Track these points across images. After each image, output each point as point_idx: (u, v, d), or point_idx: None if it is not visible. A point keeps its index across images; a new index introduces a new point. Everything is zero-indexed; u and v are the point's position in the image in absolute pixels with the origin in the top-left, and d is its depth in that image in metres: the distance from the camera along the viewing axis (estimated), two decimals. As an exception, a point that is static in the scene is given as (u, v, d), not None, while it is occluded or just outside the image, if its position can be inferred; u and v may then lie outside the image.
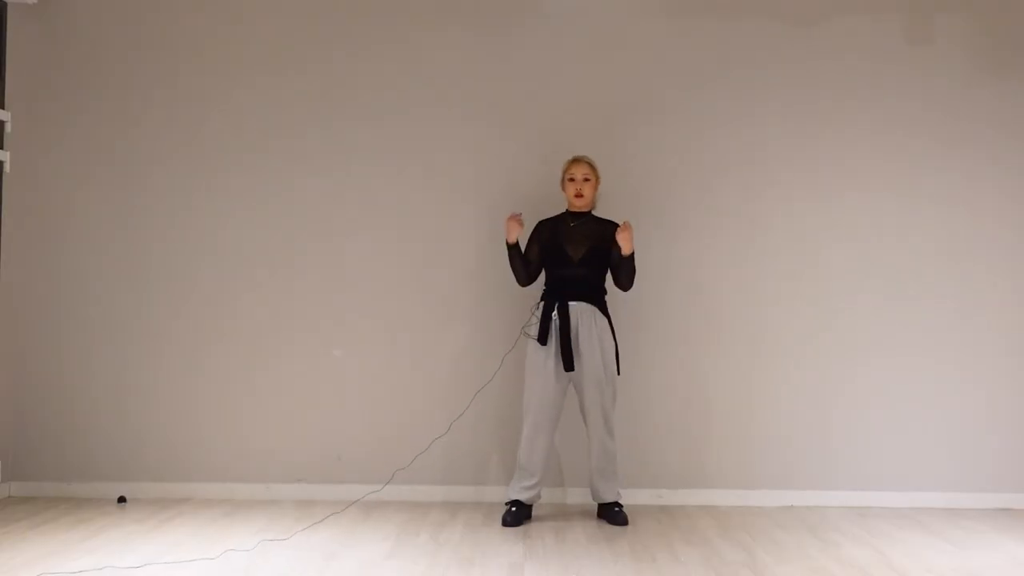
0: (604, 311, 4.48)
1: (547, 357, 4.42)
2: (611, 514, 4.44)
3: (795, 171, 4.96)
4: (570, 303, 4.43)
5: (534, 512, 4.56)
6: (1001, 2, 5.00)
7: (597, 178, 4.56)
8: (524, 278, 4.57)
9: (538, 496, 4.50)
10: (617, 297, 4.63)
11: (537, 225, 4.61)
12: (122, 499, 4.81)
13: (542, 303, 4.49)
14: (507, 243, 4.52)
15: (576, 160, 4.57)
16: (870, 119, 4.96)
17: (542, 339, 4.41)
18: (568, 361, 4.38)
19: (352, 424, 4.92)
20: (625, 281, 4.52)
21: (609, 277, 4.57)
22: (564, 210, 4.61)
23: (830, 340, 4.90)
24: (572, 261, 4.46)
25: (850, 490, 4.85)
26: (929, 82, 4.97)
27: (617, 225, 4.52)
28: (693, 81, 4.98)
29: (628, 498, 4.67)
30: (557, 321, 4.41)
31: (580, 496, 4.76)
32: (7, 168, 4.82)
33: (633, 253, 4.45)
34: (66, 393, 4.94)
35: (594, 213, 4.60)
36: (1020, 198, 4.96)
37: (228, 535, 4.16)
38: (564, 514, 4.62)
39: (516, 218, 4.51)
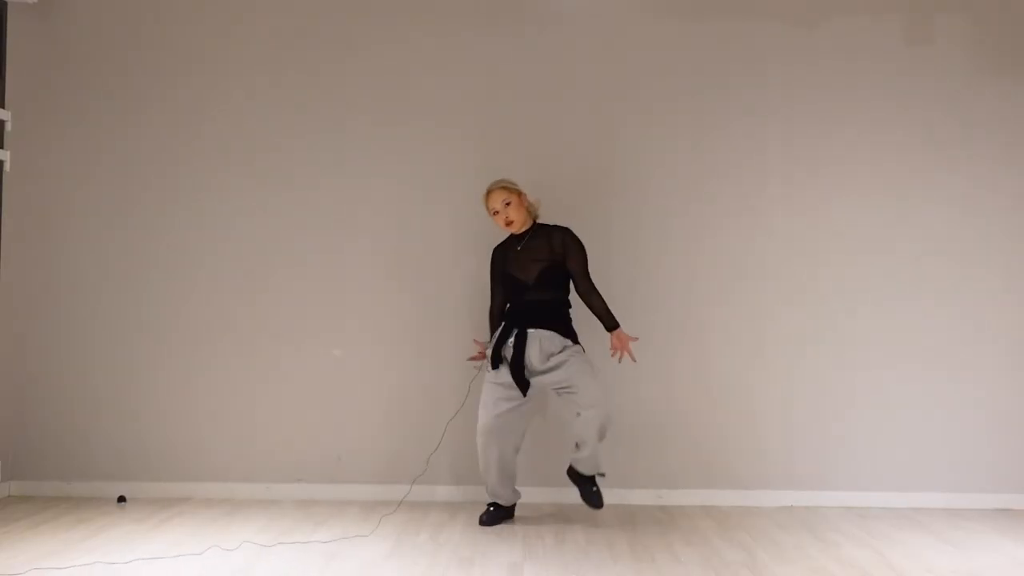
0: (566, 332, 4.33)
1: (499, 379, 4.31)
2: (585, 491, 4.35)
3: (795, 171, 4.95)
4: (529, 330, 4.29)
5: (533, 512, 4.56)
6: (1001, 2, 5.00)
7: (519, 193, 4.38)
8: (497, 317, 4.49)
9: (517, 495, 4.47)
10: (617, 297, 4.60)
11: (492, 253, 4.52)
12: (122, 499, 4.81)
13: (500, 328, 4.37)
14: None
15: (488, 193, 4.39)
16: (870, 119, 4.96)
17: (493, 364, 4.32)
18: (522, 388, 4.26)
19: (352, 424, 4.92)
20: (591, 304, 4.36)
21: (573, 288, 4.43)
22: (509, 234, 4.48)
23: (830, 340, 4.90)
24: (525, 285, 4.33)
25: (850, 491, 4.85)
26: (929, 82, 4.96)
27: (562, 229, 4.36)
28: (693, 81, 4.98)
29: (628, 498, 4.68)
30: (511, 349, 4.28)
31: (579, 497, 4.75)
32: (7, 167, 4.82)
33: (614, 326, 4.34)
34: (66, 393, 4.94)
35: (539, 222, 4.45)
36: (1020, 198, 4.95)
37: (228, 535, 4.16)
38: (563, 514, 4.61)
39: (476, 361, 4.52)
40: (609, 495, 4.70)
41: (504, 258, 4.44)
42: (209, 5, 5.04)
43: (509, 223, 4.37)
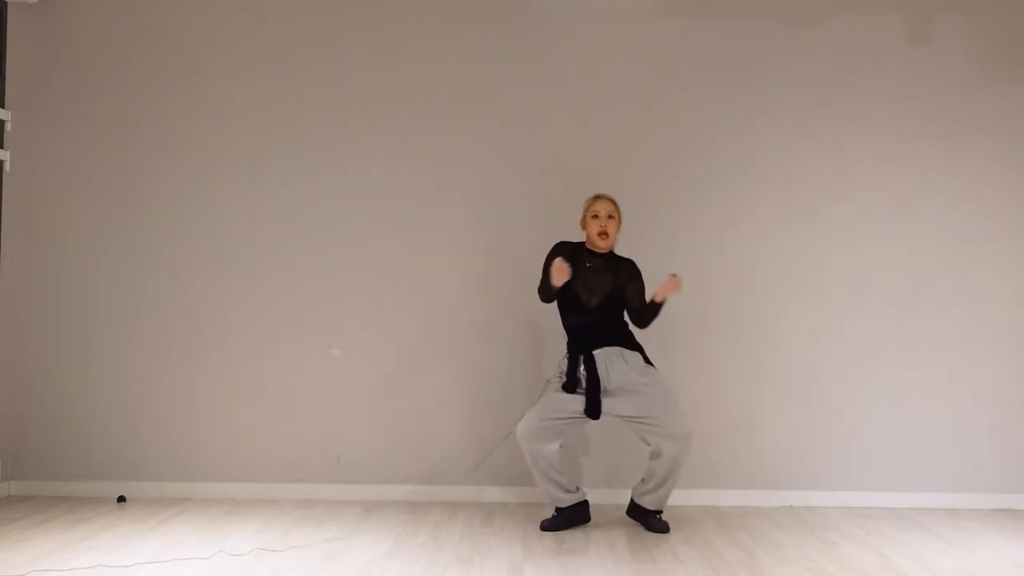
0: (631, 344, 4.31)
1: (573, 400, 4.22)
2: (651, 521, 4.29)
3: (796, 172, 4.95)
4: (595, 352, 4.24)
5: (534, 512, 4.55)
6: (1002, 3, 5.00)
7: (620, 216, 4.39)
8: (548, 300, 4.36)
9: (577, 495, 4.34)
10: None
11: (556, 247, 4.39)
12: (122, 498, 4.81)
13: (567, 355, 4.30)
14: (551, 284, 4.23)
15: (599, 197, 4.36)
16: (870, 119, 4.95)
17: (569, 388, 4.22)
18: (594, 410, 4.18)
19: (352, 424, 4.92)
20: (645, 321, 4.33)
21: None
22: (582, 242, 4.41)
23: (831, 341, 4.90)
24: (587, 308, 4.29)
25: (850, 490, 4.85)
26: (929, 83, 4.96)
27: (629, 261, 4.35)
28: (693, 83, 4.98)
29: (628, 498, 4.66)
30: (584, 373, 4.22)
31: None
32: (7, 167, 4.82)
33: (664, 301, 4.28)
34: (66, 393, 4.94)
35: (613, 251, 4.40)
36: (1021, 198, 4.95)
37: (227, 535, 4.16)
38: (564, 514, 4.61)
39: (564, 268, 4.17)
40: (609, 495, 4.72)
41: (571, 266, 4.23)
42: (209, 6, 5.04)
43: (603, 234, 4.32)
